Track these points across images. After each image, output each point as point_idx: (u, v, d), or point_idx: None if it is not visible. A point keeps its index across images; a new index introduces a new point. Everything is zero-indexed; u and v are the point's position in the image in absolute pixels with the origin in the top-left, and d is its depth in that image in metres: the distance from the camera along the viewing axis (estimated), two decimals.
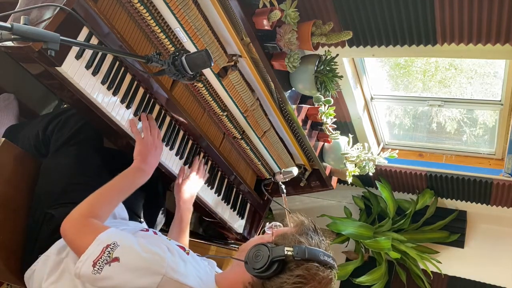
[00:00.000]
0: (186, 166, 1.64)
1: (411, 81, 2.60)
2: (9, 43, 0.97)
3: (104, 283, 0.95)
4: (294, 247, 1.01)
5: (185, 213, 1.52)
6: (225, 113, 1.68)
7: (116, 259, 0.96)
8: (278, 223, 1.17)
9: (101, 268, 0.95)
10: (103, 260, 0.95)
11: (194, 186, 1.61)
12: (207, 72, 1.50)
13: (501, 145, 2.51)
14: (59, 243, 1.19)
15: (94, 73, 1.22)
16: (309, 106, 1.96)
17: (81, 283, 1.06)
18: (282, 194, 2.05)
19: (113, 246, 0.98)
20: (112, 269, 0.95)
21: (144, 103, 1.42)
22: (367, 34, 1.88)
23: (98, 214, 1.11)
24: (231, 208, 1.96)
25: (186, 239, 1.50)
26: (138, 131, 1.36)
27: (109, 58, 1.27)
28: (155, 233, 1.27)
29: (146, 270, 0.97)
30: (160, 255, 1.00)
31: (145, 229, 1.28)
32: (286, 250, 1.00)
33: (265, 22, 1.43)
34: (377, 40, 1.89)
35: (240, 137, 1.81)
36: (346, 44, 1.97)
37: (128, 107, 1.35)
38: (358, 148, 2.11)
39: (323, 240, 1.09)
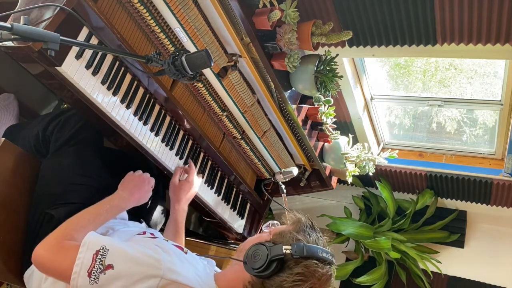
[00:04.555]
0: (183, 165, 1.62)
1: (411, 81, 2.60)
2: (9, 43, 0.97)
3: None
4: (293, 245, 1.00)
5: (181, 214, 1.51)
6: (225, 113, 1.68)
7: (110, 267, 0.94)
8: (275, 222, 1.16)
9: (97, 278, 0.93)
10: (97, 269, 0.93)
11: (193, 187, 1.58)
12: (207, 72, 1.49)
13: (501, 145, 2.51)
14: None
15: (94, 73, 1.22)
16: (309, 106, 1.96)
17: None
18: (282, 194, 2.05)
19: (103, 252, 0.95)
20: (108, 277, 0.93)
21: (144, 103, 1.42)
22: (367, 34, 1.88)
23: (75, 238, 1.04)
24: (231, 208, 1.96)
25: (182, 240, 1.49)
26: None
27: (109, 58, 1.27)
28: (152, 234, 1.27)
29: (142, 274, 0.95)
30: (155, 258, 0.99)
31: (142, 232, 1.27)
32: (285, 249, 1.00)
33: (265, 22, 1.43)
34: (377, 40, 1.89)
35: (240, 137, 1.81)
36: (346, 44, 1.97)
37: (128, 107, 1.35)
38: (358, 148, 2.11)
39: (321, 236, 1.09)
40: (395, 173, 2.76)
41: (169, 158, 1.55)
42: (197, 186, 1.61)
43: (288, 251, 0.99)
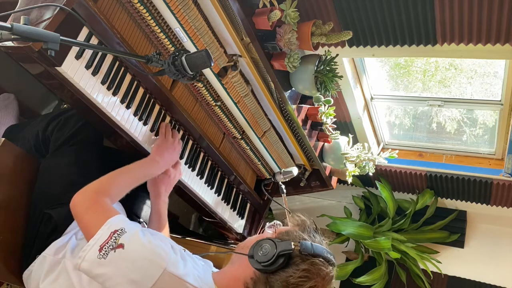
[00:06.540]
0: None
1: (411, 81, 2.60)
2: (9, 43, 0.97)
3: (105, 269, 0.95)
4: (301, 242, 1.03)
5: (163, 207, 1.45)
6: (225, 116, 1.68)
7: (121, 246, 0.96)
8: (278, 222, 1.18)
9: (106, 254, 0.95)
10: (109, 246, 0.96)
11: (170, 178, 1.47)
12: (207, 72, 1.50)
13: (501, 145, 2.51)
14: (56, 243, 1.20)
15: (94, 73, 1.22)
16: (309, 106, 1.96)
17: (78, 282, 1.06)
18: (282, 194, 2.05)
19: (120, 232, 0.98)
20: (116, 255, 0.95)
21: (144, 103, 1.42)
22: (367, 34, 1.88)
23: (111, 194, 1.12)
24: (231, 208, 1.96)
25: (167, 232, 1.44)
26: (164, 132, 1.43)
27: (109, 58, 1.27)
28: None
29: (148, 261, 0.97)
30: (164, 249, 1.01)
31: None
32: (293, 245, 1.02)
33: (265, 22, 1.43)
34: (377, 40, 1.89)
35: (240, 137, 1.81)
36: (346, 44, 1.97)
37: (128, 107, 1.35)
38: (358, 148, 2.11)
39: (323, 240, 1.12)
40: (395, 173, 2.76)
41: None
42: (176, 175, 1.51)
43: (296, 247, 1.02)
